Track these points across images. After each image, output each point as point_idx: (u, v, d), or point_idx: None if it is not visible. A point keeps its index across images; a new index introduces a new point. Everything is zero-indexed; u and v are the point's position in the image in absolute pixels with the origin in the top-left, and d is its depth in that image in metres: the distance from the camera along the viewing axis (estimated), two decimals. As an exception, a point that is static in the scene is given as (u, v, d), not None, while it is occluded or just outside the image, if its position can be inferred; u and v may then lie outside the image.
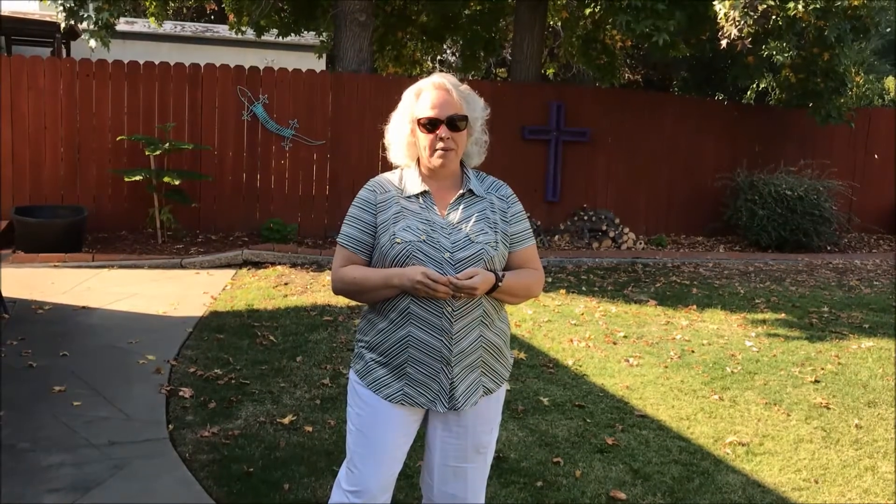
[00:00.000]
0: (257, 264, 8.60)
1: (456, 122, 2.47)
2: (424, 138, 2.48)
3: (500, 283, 2.44)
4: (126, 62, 9.65)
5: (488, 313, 2.50)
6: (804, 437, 4.56)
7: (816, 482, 4.01)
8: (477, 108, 2.54)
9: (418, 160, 2.56)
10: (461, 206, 2.53)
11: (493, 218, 2.54)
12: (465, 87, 2.53)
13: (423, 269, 2.37)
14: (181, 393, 4.76)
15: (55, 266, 7.93)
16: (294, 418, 4.46)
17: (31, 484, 3.60)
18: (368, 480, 2.52)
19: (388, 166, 2.64)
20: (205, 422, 4.38)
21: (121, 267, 8.10)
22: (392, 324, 2.47)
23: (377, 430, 2.52)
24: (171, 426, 4.31)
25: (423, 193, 2.53)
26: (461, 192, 2.55)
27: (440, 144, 2.47)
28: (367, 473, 2.52)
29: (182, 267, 8.32)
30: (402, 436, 2.55)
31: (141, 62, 9.72)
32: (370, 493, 2.52)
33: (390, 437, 2.52)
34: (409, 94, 2.53)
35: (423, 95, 2.48)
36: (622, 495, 3.77)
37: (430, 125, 2.46)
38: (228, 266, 8.49)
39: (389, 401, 2.49)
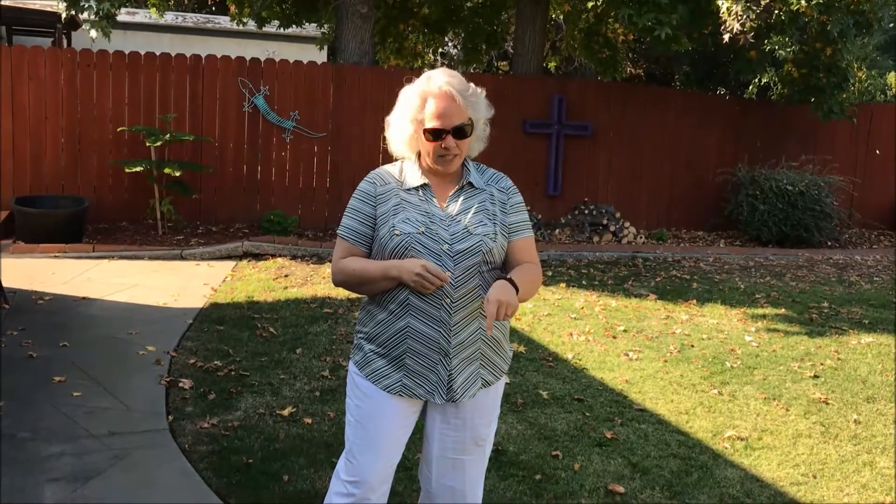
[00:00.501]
0: (258, 256, 8.60)
1: (461, 131, 2.46)
2: (428, 144, 2.47)
3: (517, 288, 2.37)
4: (127, 53, 9.64)
5: (487, 303, 2.49)
6: (803, 432, 4.57)
7: (815, 477, 4.02)
8: (481, 109, 2.52)
9: (419, 153, 2.56)
10: (460, 198, 2.53)
11: (492, 209, 2.54)
12: (470, 90, 2.49)
13: (423, 262, 2.37)
14: (181, 384, 4.76)
15: (55, 256, 7.94)
16: (294, 410, 4.47)
17: (31, 473, 3.61)
18: (367, 471, 2.53)
19: (389, 159, 2.64)
20: (204, 413, 4.38)
21: (121, 258, 8.10)
22: (391, 315, 2.47)
23: (376, 420, 2.52)
24: (170, 417, 4.32)
25: (423, 186, 2.53)
26: (461, 184, 2.55)
27: (444, 152, 2.47)
28: (365, 464, 2.53)
29: (182, 258, 8.33)
30: (400, 427, 2.55)
31: (142, 53, 9.71)
32: (369, 483, 2.53)
33: (389, 427, 2.53)
34: (412, 95, 2.49)
35: (429, 103, 2.45)
36: (621, 489, 3.78)
37: (434, 135, 2.46)
38: (229, 258, 8.49)
39: (388, 392, 2.50)
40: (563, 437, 4.34)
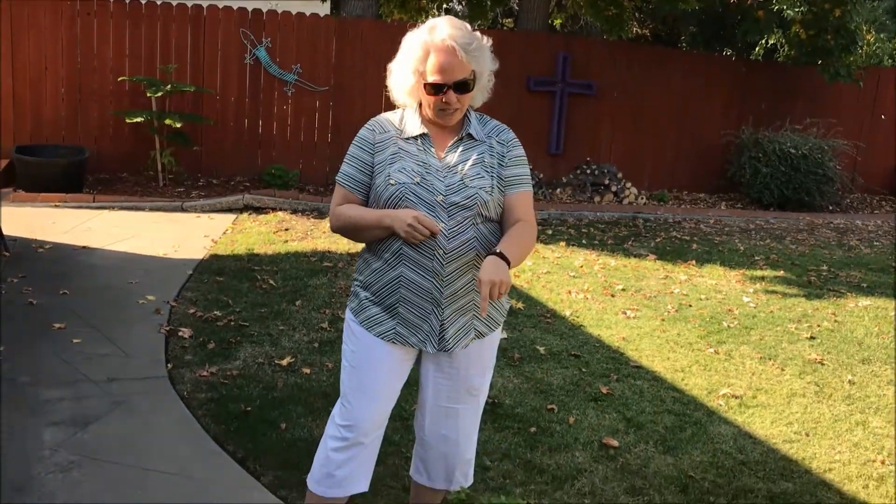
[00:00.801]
0: (258, 209, 8.59)
1: (462, 85, 2.42)
2: (429, 98, 2.44)
3: (508, 260, 2.34)
4: (128, 2, 9.51)
5: (481, 256, 2.46)
6: (797, 392, 4.60)
7: (807, 435, 4.06)
8: (485, 61, 2.46)
9: (420, 102, 2.53)
10: (459, 149, 2.51)
11: (490, 162, 2.50)
12: (475, 43, 2.42)
13: (415, 213, 2.35)
14: (180, 333, 4.79)
15: (56, 206, 7.92)
16: (292, 360, 4.50)
17: (31, 416, 3.65)
18: (361, 415, 2.55)
19: (391, 114, 2.61)
20: (203, 362, 4.42)
21: (122, 208, 8.09)
22: (385, 264, 2.48)
23: (370, 366, 2.54)
24: (170, 365, 4.35)
25: (422, 136, 2.50)
26: (460, 135, 2.53)
27: (445, 106, 2.44)
28: (359, 408, 2.55)
29: (183, 210, 8.32)
30: (394, 373, 2.57)
31: (143, 2, 9.59)
32: (361, 428, 2.55)
33: (382, 373, 2.55)
34: (415, 44, 2.43)
35: (431, 56, 2.39)
36: (615, 442, 3.82)
37: (436, 89, 2.41)
38: (229, 210, 8.48)
39: (382, 338, 2.51)
40: (558, 391, 4.37)
